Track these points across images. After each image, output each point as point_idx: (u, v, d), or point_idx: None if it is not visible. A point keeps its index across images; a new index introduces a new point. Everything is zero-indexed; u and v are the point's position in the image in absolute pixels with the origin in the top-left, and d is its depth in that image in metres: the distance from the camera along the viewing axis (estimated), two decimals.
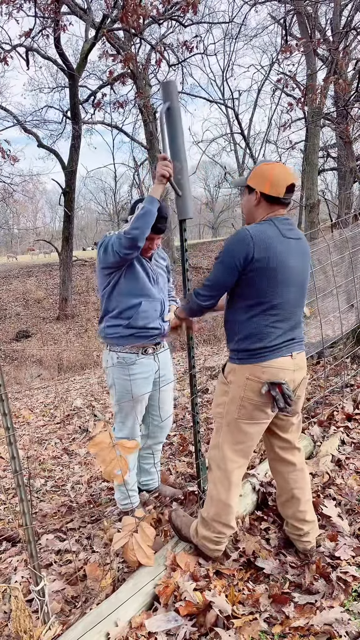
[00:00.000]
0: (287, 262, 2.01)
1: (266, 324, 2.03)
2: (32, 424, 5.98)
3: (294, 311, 2.10)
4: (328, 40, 9.70)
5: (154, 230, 2.51)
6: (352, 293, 4.66)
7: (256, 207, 2.12)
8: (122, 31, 14.19)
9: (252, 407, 2.08)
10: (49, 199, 48.93)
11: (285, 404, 2.02)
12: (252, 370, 2.05)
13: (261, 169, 2.09)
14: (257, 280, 1.99)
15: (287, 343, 2.08)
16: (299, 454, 2.32)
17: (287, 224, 2.07)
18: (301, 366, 2.14)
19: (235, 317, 2.11)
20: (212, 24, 18.04)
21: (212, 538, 2.22)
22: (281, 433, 2.25)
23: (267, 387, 2.02)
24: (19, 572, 2.52)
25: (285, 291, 2.03)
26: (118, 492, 2.88)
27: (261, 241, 1.97)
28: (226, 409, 2.14)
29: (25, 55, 15.14)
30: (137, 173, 20.62)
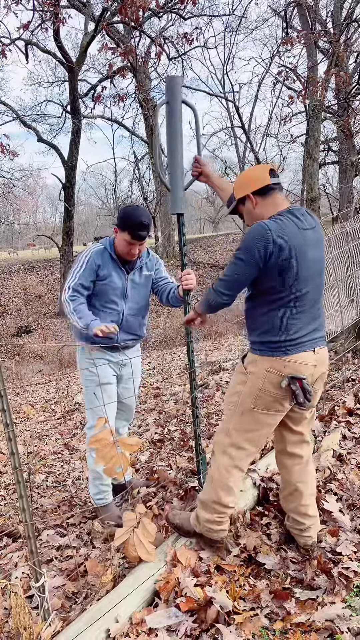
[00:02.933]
0: (305, 254, 2.00)
1: (287, 316, 2.02)
2: (33, 420, 5.98)
3: (315, 303, 2.08)
4: (329, 33, 9.62)
5: (135, 237, 2.56)
6: (352, 287, 4.63)
7: (258, 208, 2.12)
8: (121, 24, 14.10)
9: (269, 398, 2.07)
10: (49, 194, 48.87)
11: (305, 398, 2.01)
12: (273, 363, 2.03)
13: (238, 180, 2.17)
14: (277, 273, 1.98)
15: (311, 338, 2.07)
16: (307, 448, 2.32)
17: (300, 215, 2.05)
18: (323, 361, 2.13)
19: (256, 310, 2.10)
20: (213, 16, 17.92)
21: (214, 519, 2.24)
22: (294, 426, 2.24)
23: (287, 381, 2.01)
24: (20, 568, 2.51)
25: (305, 283, 2.02)
26: (92, 487, 2.89)
27: (279, 235, 1.95)
28: (242, 398, 2.14)
29: (25, 49, 15.06)
30: (137, 167, 20.55)
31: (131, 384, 2.94)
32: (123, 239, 2.58)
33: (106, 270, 2.65)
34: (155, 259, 2.88)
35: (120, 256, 2.67)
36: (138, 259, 2.73)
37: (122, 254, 2.65)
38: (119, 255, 2.67)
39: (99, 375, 2.67)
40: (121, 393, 2.92)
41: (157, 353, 9.51)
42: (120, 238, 2.61)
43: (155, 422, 4.75)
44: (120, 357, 2.80)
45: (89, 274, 2.62)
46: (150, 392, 6.14)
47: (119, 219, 2.61)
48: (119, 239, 2.62)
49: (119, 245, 2.64)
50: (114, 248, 2.68)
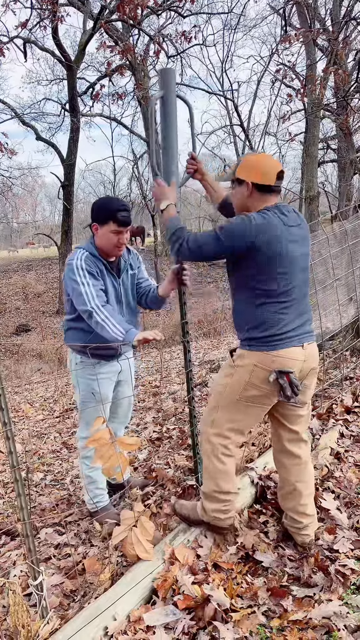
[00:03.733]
0: (289, 250, 2.02)
1: (274, 311, 2.04)
2: (32, 418, 5.98)
3: (301, 298, 2.12)
4: (328, 31, 9.61)
5: (121, 223, 2.45)
6: (351, 286, 4.63)
7: (249, 198, 2.11)
8: (120, 22, 14.07)
9: (255, 392, 2.10)
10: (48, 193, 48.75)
11: (292, 393, 2.04)
12: (261, 357, 2.05)
13: (249, 160, 2.10)
14: (261, 268, 2.00)
15: (299, 333, 2.09)
16: (305, 447, 2.33)
17: (285, 212, 2.07)
18: (312, 356, 2.15)
19: (244, 306, 2.12)
20: (211, 14, 17.87)
21: (220, 508, 2.27)
22: (289, 424, 2.26)
23: (275, 375, 2.03)
24: (18, 566, 2.51)
25: (291, 278, 2.04)
26: (87, 493, 2.86)
27: (264, 229, 1.97)
28: (228, 390, 2.17)
29: (23, 47, 15.02)
30: (136, 166, 20.50)
31: (127, 387, 2.91)
32: (108, 232, 2.46)
33: (100, 276, 2.53)
34: (136, 256, 2.80)
35: (106, 255, 2.56)
36: (121, 258, 2.65)
37: (108, 249, 2.52)
38: (105, 256, 2.56)
39: (101, 394, 2.63)
40: (117, 397, 2.89)
41: (155, 351, 9.51)
42: (103, 232, 2.48)
43: (153, 420, 4.75)
44: (121, 364, 2.76)
45: (97, 282, 2.48)
46: (148, 391, 6.14)
47: (96, 213, 2.49)
48: (101, 234, 2.49)
49: (102, 241, 2.51)
50: (98, 249, 2.55)
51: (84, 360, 2.65)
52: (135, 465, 3.66)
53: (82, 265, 2.45)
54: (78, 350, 2.67)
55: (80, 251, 2.52)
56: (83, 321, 2.53)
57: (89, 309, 2.38)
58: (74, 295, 2.45)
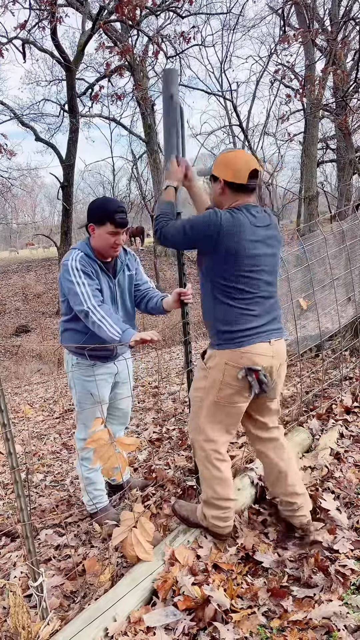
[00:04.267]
0: (255, 248, 2.05)
1: (240, 306, 2.08)
2: (32, 419, 5.97)
3: (268, 297, 2.15)
4: (326, 31, 9.61)
5: (119, 225, 2.45)
6: (350, 285, 4.64)
7: (221, 196, 2.16)
8: (119, 23, 14.08)
9: (230, 390, 2.13)
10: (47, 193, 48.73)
11: (261, 390, 2.09)
12: (230, 355, 2.09)
13: (224, 157, 2.13)
14: (226, 261, 2.04)
15: (265, 328, 2.13)
16: (277, 431, 2.38)
17: (254, 212, 2.10)
18: (280, 353, 2.19)
19: (211, 303, 2.16)
20: (210, 14, 17.87)
21: (219, 515, 2.28)
22: (258, 416, 2.32)
23: (244, 372, 2.08)
24: (18, 568, 2.52)
25: (254, 277, 2.07)
26: (86, 495, 2.86)
27: (230, 225, 2.01)
28: (205, 393, 2.21)
29: (22, 48, 14.99)
30: (135, 166, 20.51)
31: (125, 388, 2.91)
32: (105, 232, 2.45)
33: (95, 276, 2.52)
34: (134, 258, 2.79)
35: (102, 256, 2.55)
36: (118, 258, 2.64)
37: (104, 250, 2.52)
38: (100, 256, 2.55)
39: (98, 395, 2.65)
40: (116, 398, 2.89)
41: (155, 352, 9.51)
42: (100, 233, 2.47)
43: (153, 421, 4.75)
44: (117, 366, 2.76)
45: (92, 281, 2.48)
46: (148, 391, 6.14)
47: (93, 214, 2.48)
48: (98, 235, 2.48)
49: (99, 243, 2.50)
50: (93, 250, 2.54)
51: (80, 362, 2.65)
52: (135, 466, 3.66)
53: (77, 266, 2.45)
54: (74, 352, 2.67)
55: (75, 252, 2.52)
56: (79, 322, 2.53)
57: (86, 309, 2.38)
58: (70, 296, 2.45)
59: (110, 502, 2.96)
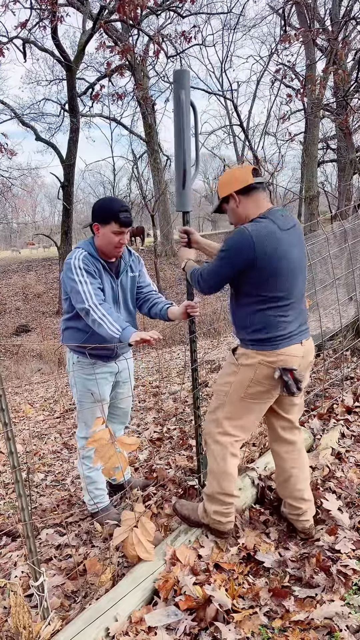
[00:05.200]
0: (288, 255, 2.06)
1: (276, 315, 2.09)
2: (32, 419, 5.97)
3: (300, 298, 2.19)
4: (327, 30, 9.60)
5: (123, 224, 2.45)
6: (351, 285, 4.63)
7: (240, 208, 2.18)
8: (119, 22, 14.07)
9: (260, 388, 2.15)
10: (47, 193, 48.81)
11: (297, 388, 2.10)
12: (265, 356, 2.11)
13: (221, 180, 2.22)
14: (263, 277, 2.05)
15: (298, 330, 2.16)
16: (299, 434, 2.39)
17: (280, 216, 2.11)
18: (309, 352, 2.23)
19: (244, 310, 2.16)
20: (211, 14, 17.89)
21: (222, 511, 2.29)
22: (284, 413, 2.33)
23: (279, 372, 2.09)
24: (19, 567, 2.51)
25: (291, 283, 2.09)
26: (87, 494, 2.85)
27: (262, 240, 2.01)
28: (232, 389, 2.21)
29: (22, 47, 15.00)
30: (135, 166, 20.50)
31: (126, 387, 2.91)
32: (110, 232, 2.45)
33: (97, 275, 2.52)
34: (138, 259, 2.79)
35: (106, 256, 2.55)
36: (122, 259, 2.64)
37: (108, 250, 2.52)
38: (104, 256, 2.55)
39: (99, 394, 2.65)
40: (117, 397, 2.89)
41: (155, 352, 9.51)
42: (104, 233, 2.47)
43: (154, 420, 4.75)
44: (118, 365, 2.76)
45: (95, 280, 2.48)
46: (149, 391, 6.14)
47: (98, 213, 2.48)
48: (102, 234, 2.48)
49: (103, 242, 2.50)
50: (97, 249, 2.54)
51: (81, 360, 2.65)
52: (136, 466, 3.66)
53: (80, 265, 2.46)
54: (75, 350, 2.67)
55: (78, 251, 2.53)
56: (80, 321, 2.54)
57: (87, 307, 2.39)
58: (72, 294, 2.46)
59: (111, 501, 2.95)
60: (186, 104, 2.39)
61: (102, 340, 2.46)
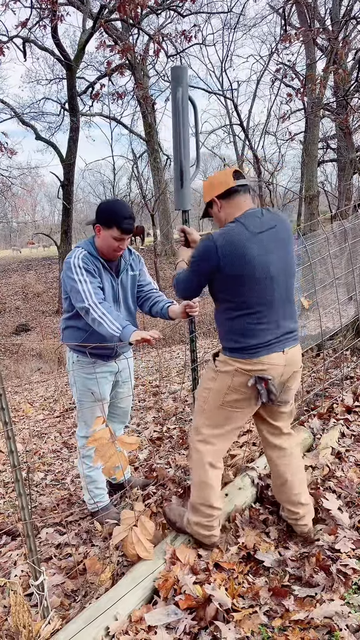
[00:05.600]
0: (263, 259, 1.99)
1: (252, 322, 2.04)
2: (32, 418, 5.97)
3: (283, 303, 2.09)
4: (327, 30, 9.60)
5: (125, 232, 2.45)
6: (351, 285, 4.63)
7: (222, 212, 2.14)
8: (119, 21, 14.06)
9: (237, 396, 2.12)
10: (47, 192, 48.74)
11: (268, 399, 2.07)
12: (242, 364, 2.07)
13: (204, 185, 2.20)
14: (230, 284, 2.01)
15: (280, 338, 2.09)
16: (289, 439, 2.35)
17: (255, 218, 2.04)
18: (294, 360, 2.15)
19: (223, 317, 2.13)
20: (211, 13, 17.86)
21: (203, 523, 2.25)
22: (271, 420, 2.29)
23: (253, 380, 2.06)
24: (19, 566, 2.52)
25: (267, 289, 2.01)
26: (87, 493, 2.85)
27: (226, 246, 1.96)
28: (211, 395, 2.18)
29: (22, 46, 14.99)
30: (135, 165, 20.48)
31: (126, 387, 2.91)
32: (110, 236, 2.46)
33: (97, 274, 2.53)
34: (138, 258, 2.79)
35: (105, 256, 2.56)
36: (122, 258, 2.64)
37: (107, 252, 2.53)
38: (104, 256, 2.56)
39: (99, 393, 2.65)
40: (117, 397, 2.89)
41: (155, 351, 9.51)
42: (105, 236, 2.47)
43: (154, 420, 4.75)
44: (118, 365, 2.76)
45: (94, 279, 2.49)
46: (149, 390, 6.14)
47: (101, 216, 2.47)
48: (103, 237, 2.49)
49: (104, 244, 2.51)
50: (97, 249, 2.55)
51: (81, 359, 2.65)
52: (135, 465, 3.66)
53: (80, 264, 2.46)
54: (75, 349, 2.67)
55: (78, 250, 2.53)
56: (80, 320, 2.55)
57: (87, 306, 2.39)
58: (72, 293, 2.46)
59: (111, 500, 2.96)
60: (184, 101, 2.38)
61: (102, 339, 2.47)
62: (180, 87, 2.37)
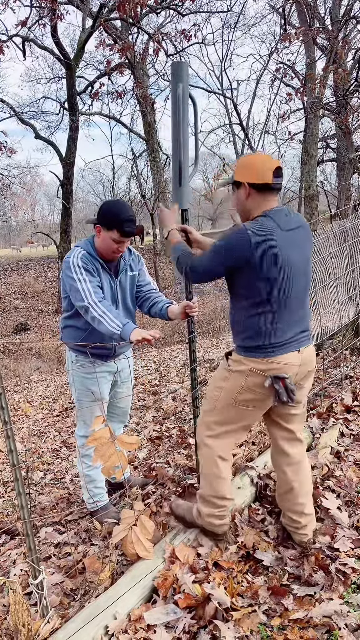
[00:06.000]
0: (289, 257, 1.97)
1: (270, 321, 2.01)
2: (31, 417, 5.97)
3: (300, 304, 2.08)
4: (327, 29, 9.59)
5: (125, 234, 2.43)
6: (351, 285, 4.63)
7: (248, 200, 2.07)
8: (119, 20, 14.04)
9: (251, 396, 2.10)
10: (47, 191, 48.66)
11: (288, 397, 2.03)
12: (257, 363, 2.04)
13: (244, 161, 2.07)
14: (259, 279, 1.97)
15: (296, 338, 2.07)
16: (300, 446, 2.32)
17: (283, 216, 2.02)
18: (309, 360, 2.13)
19: (240, 315, 2.10)
20: (211, 13, 17.86)
21: (215, 514, 2.27)
22: (284, 423, 2.26)
23: (270, 380, 2.02)
24: (18, 565, 2.52)
25: (290, 287, 2.00)
26: (86, 492, 2.86)
27: (260, 240, 1.93)
28: (223, 394, 2.17)
29: (22, 45, 14.98)
30: (135, 165, 20.48)
31: (125, 387, 2.91)
32: (110, 238, 2.44)
33: (96, 275, 2.52)
34: (138, 258, 2.77)
35: (104, 257, 2.54)
36: (121, 258, 2.63)
37: (106, 254, 2.51)
38: (103, 257, 2.54)
39: (98, 392, 2.64)
40: (116, 397, 2.89)
41: (155, 350, 9.51)
42: (105, 237, 2.46)
43: (153, 419, 4.75)
44: (117, 364, 2.77)
45: (93, 278, 2.48)
46: (148, 390, 6.14)
47: (103, 217, 2.45)
48: (103, 238, 2.47)
49: (103, 245, 2.49)
50: (96, 250, 2.54)
51: (80, 359, 2.65)
52: (135, 464, 3.66)
53: (79, 263, 2.45)
54: (74, 348, 2.67)
55: (77, 249, 2.52)
56: (79, 319, 2.54)
57: (86, 304, 2.38)
58: (71, 292, 2.46)
59: (110, 500, 2.96)
60: (184, 97, 2.36)
61: (102, 339, 2.46)
62: (180, 83, 2.35)
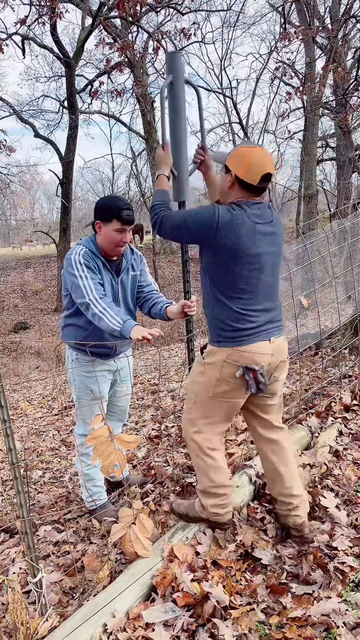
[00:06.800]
0: (254, 246, 2.02)
1: (239, 307, 2.06)
2: (30, 416, 5.97)
3: (268, 295, 2.13)
4: (327, 28, 9.58)
5: (126, 222, 2.44)
6: (350, 284, 4.63)
7: (229, 190, 2.12)
8: (119, 19, 14.03)
9: (227, 387, 2.14)
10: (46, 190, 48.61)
11: (257, 388, 2.08)
12: (229, 353, 2.09)
13: (241, 152, 2.06)
14: (226, 259, 2.01)
15: (266, 327, 2.11)
16: (281, 432, 2.37)
17: (256, 209, 2.06)
18: (280, 350, 2.18)
19: (211, 302, 2.15)
20: (210, 11, 17.85)
21: (218, 503, 2.31)
22: (261, 414, 2.31)
23: (241, 371, 2.07)
24: (17, 564, 2.52)
25: (254, 276, 2.05)
26: (85, 491, 2.86)
27: (227, 219, 1.98)
28: (201, 388, 2.21)
29: (21, 43, 14.95)
30: (134, 164, 20.46)
31: (125, 386, 2.91)
32: (112, 230, 2.44)
33: (97, 272, 2.51)
34: (140, 258, 2.78)
35: (107, 254, 2.54)
36: (123, 257, 2.63)
37: (110, 248, 2.51)
38: (105, 255, 2.54)
39: (97, 391, 2.65)
40: (115, 395, 2.90)
41: (154, 349, 9.51)
42: (107, 231, 2.46)
43: (152, 418, 4.75)
44: (117, 363, 2.77)
45: (95, 275, 2.48)
46: (147, 389, 6.14)
47: (100, 211, 2.46)
48: (105, 232, 2.47)
49: (105, 240, 2.49)
50: (98, 248, 2.54)
51: (80, 357, 2.65)
52: (134, 463, 3.66)
53: (80, 260, 2.45)
54: (74, 347, 2.67)
55: (79, 247, 2.52)
56: (80, 317, 2.54)
57: (87, 301, 2.38)
58: (73, 289, 2.46)
59: (109, 498, 2.96)
60: (177, 87, 2.36)
61: (102, 338, 2.46)
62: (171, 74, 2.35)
